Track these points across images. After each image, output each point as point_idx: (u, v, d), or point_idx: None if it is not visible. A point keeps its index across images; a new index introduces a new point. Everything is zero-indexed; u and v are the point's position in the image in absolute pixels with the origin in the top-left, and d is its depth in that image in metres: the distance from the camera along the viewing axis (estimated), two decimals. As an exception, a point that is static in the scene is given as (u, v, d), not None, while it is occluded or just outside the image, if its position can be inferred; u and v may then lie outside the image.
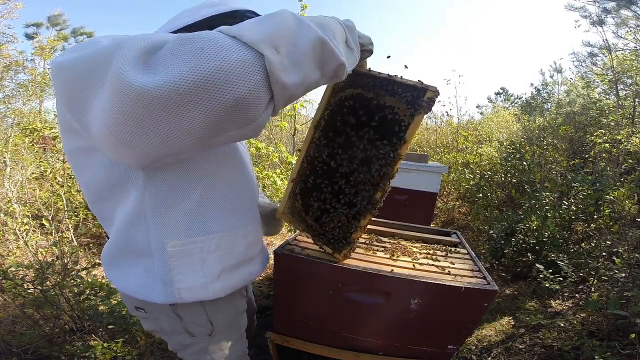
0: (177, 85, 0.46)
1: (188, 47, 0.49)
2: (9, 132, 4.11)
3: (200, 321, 0.91)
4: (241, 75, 0.50)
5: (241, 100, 0.51)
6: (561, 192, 3.24)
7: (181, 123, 0.50)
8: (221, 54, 0.49)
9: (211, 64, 0.48)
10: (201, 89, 0.48)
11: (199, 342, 0.94)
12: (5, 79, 5.61)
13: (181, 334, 0.92)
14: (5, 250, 2.74)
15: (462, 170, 4.76)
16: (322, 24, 0.66)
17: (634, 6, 5.29)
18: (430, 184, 2.71)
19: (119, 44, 0.53)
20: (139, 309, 0.92)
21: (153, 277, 0.82)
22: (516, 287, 2.75)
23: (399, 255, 1.33)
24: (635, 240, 2.56)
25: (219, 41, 0.50)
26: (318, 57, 0.62)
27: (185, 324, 0.90)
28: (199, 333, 0.92)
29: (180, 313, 0.89)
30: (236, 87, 0.50)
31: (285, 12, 0.61)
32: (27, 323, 1.96)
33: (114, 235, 0.85)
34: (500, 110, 8.82)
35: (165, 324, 0.92)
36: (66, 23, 11.33)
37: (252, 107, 0.54)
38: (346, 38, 0.74)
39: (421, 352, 1.20)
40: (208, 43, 0.49)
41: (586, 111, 5.45)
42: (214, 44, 0.49)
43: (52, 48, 8.25)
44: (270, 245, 3.74)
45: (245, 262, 0.95)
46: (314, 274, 1.18)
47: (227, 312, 0.96)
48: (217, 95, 0.49)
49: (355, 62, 0.79)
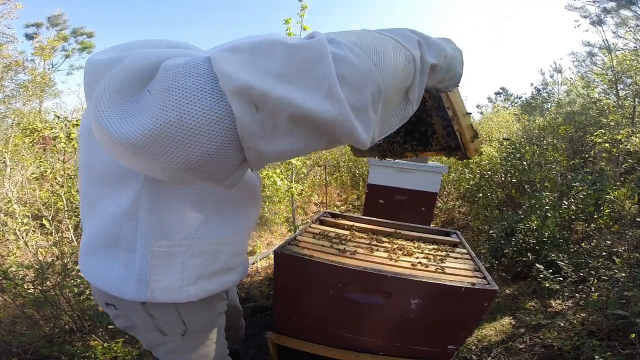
0: (136, 139, 0.39)
1: (159, 86, 0.39)
2: (9, 132, 4.11)
3: (173, 321, 0.89)
4: (199, 135, 0.38)
5: (198, 163, 0.40)
6: (561, 192, 3.24)
7: (148, 169, 0.44)
8: (181, 103, 0.37)
9: (167, 115, 0.37)
10: (157, 144, 0.38)
11: (171, 341, 0.92)
12: (5, 79, 5.61)
13: (153, 332, 0.90)
14: (5, 250, 2.73)
15: (462, 170, 4.76)
16: (383, 64, 0.47)
17: (633, 6, 5.29)
18: (430, 184, 2.71)
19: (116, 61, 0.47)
20: (110, 305, 0.90)
21: (130, 274, 0.80)
22: (516, 287, 2.75)
23: (399, 255, 1.33)
24: (635, 240, 2.56)
25: (188, 80, 0.38)
26: (329, 132, 0.45)
27: (157, 323, 0.88)
28: (171, 332, 0.90)
29: (152, 312, 0.86)
30: (192, 148, 0.38)
31: (315, 45, 0.41)
32: (27, 323, 1.96)
33: (100, 224, 0.82)
34: (500, 110, 8.81)
35: (138, 322, 0.90)
36: (66, 23, 11.32)
37: (214, 172, 0.43)
38: (410, 84, 0.54)
39: (421, 352, 1.20)
40: (175, 81, 0.38)
41: (586, 111, 5.46)
42: (180, 85, 0.38)
43: (52, 48, 8.25)
44: (270, 245, 3.74)
45: (225, 271, 0.93)
46: (314, 274, 1.18)
47: (202, 314, 0.94)
48: (173, 153, 0.39)
49: (405, 116, 0.60)
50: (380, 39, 0.49)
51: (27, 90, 5.70)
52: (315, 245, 1.30)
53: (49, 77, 7.54)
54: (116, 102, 0.39)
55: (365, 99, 0.44)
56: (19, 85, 5.97)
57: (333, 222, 1.72)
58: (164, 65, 0.39)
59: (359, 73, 0.43)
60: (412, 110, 0.59)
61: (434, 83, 0.64)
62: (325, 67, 0.40)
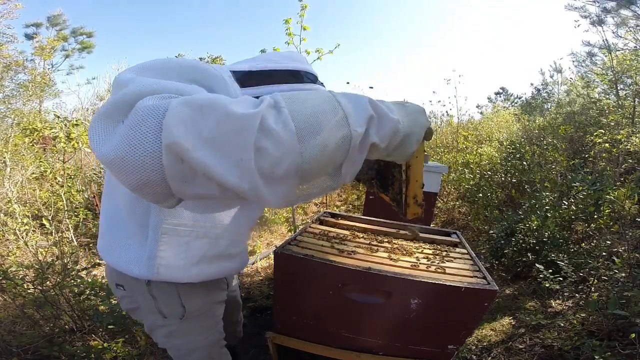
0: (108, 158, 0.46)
1: (128, 121, 0.46)
2: (9, 132, 4.11)
3: (173, 303, 0.96)
4: (139, 168, 0.45)
5: (140, 187, 0.47)
6: (561, 192, 3.24)
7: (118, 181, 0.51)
8: (134, 141, 0.44)
9: (124, 146, 0.45)
10: (117, 165, 0.46)
11: (170, 324, 0.98)
12: (5, 79, 5.61)
13: (154, 314, 0.97)
14: (5, 250, 2.74)
15: (462, 170, 4.76)
16: (312, 143, 0.50)
17: (633, 6, 5.29)
18: (430, 184, 2.71)
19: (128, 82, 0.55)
20: (119, 285, 0.97)
21: (142, 253, 0.87)
22: (516, 287, 2.75)
23: (399, 255, 1.33)
24: (635, 240, 2.56)
25: (145, 124, 0.44)
26: (238, 194, 0.50)
27: (158, 304, 0.95)
28: (170, 315, 0.97)
29: (155, 294, 0.94)
30: (134, 176, 0.46)
31: (248, 118, 0.45)
32: (27, 323, 1.96)
33: (116, 207, 0.91)
34: (500, 110, 8.82)
35: (141, 303, 0.97)
36: (66, 23, 11.31)
37: (152, 197, 0.49)
38: (344, 160, 0.55)
39: (421, 352, 1.20)
40: (137, 122, 0.45)
41: (586, 111, 5.46)
42: (139, 127, 0.45)
43: (52, 48, 8.26)
44: (270, 245, 3.74)
45: (225, 257, 0.99)
46: (314, 274, 1.18)
47: (201, 299, 1.01)
48: (125, 176, 0.46)
49: (331, 188, 0.62)
50: (326, 112, 0.52)
51: (27, 90, 5.70)
52: (315, 245, 1.30)
53: (49, 77, 7.55)
54: (104, 126, 0.48)
55: (281, 172, 0.48)
56: (19, 85, 5.97)
57: (333, 222, 1.72)
58: (137, 105, 0.47)
59: (281, 149, 0.47)
60: (340, 183, 0.61)
61: (380, 157, 0.65)
62: (248, 139, 0.45)
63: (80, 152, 3.75)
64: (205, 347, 1.06)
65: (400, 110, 0.61)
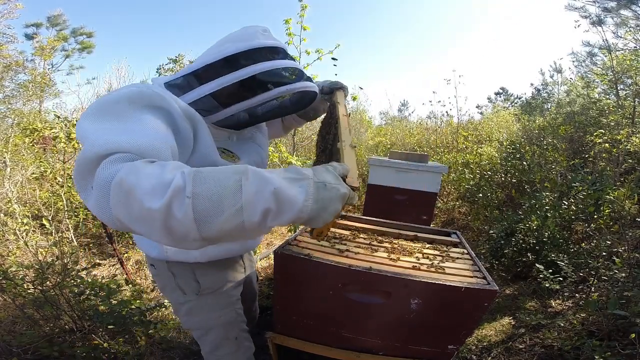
0: (92, 210, 0.63)
1: (96, 188, 0.60)
2: (9, 132, 4.11)
3: (189, 279, 1.10)
4: (106, 221, 0.63)
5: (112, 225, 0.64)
6: (561, 192, 3.24)
7: None
8: (101, 203, 0.60)
9: (99, 206, 0.60)
10: (97, 216, 0.64)
11: (189, 301, 1.12)
12: (5, 79, 5.61)
13: (176, 290, 1.11)
14: (5, 250, 2.74)
15: (462, 170, 4.76)
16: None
17: (634, 6, 5.29)
18: (430, 184, 2.71)
19: (82, 136, 0.68)
20: (152, 265, 1.15)
21: None
22: (516, 287, 2.75)
23: (399, 255, 1.33)
24: (635, 240, 2.56)
25: (102, 197, 0.59)
26: None
27: (177, 281, 1.10)
28: (189, 291, 1.11)
29: (174, 270, 1.09)
30: (103, 218, 0.63)
31: (152, 213, 0.56)
32: (27, 323, 1.96)
33: None
34: (500, 110, 8.81)
35: (166, 280, 1.12)
36: (66, 23, 11.30)
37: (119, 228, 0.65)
38: (244, 234, 0.62)
39: (421, 352, 1.20)
40: (100, 192, 0.59)
41: (586, 111, 5.45)
42: (101, 196, 0.59)
43: (52, 48, 8.25)
44: (270, 245, 3.74)
45: None
46: (314, 274, 1.18)
47: (214, 277, 1.13)
48: (102, 217, 0.63)
49: None
50: (227, 200, 0.58)
51: (27, 90, 5.70)
52: (315, 245, 1.30)
53: (49, 77, 7.55)
54: (81, 186, 0.63)
55: (188, 242, 0.60)
56: (19, 85, 5.97)
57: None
58: (97, 178, 0.60)
59: (183, 229, 0.58)
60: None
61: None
62: (159, 224, 0.57)
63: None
64: (220, 326, 1.16)
65: (314, 194, 0.63)
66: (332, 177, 0.67)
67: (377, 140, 7.10)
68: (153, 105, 0.77)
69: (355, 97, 3.90)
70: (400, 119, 10.06)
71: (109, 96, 0.75)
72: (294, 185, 0.62)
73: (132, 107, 0.73)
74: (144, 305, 1.86)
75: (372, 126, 9.15)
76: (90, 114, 0.71)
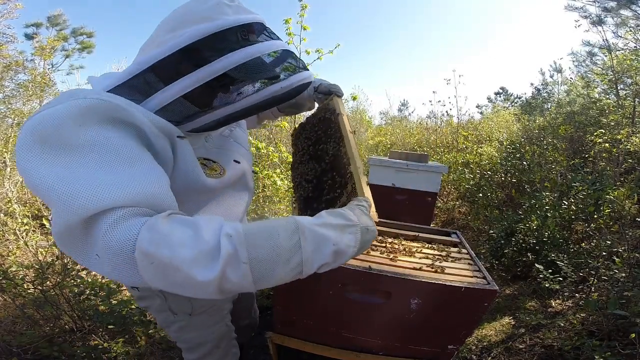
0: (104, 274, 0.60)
1: (105, 257, 0.53)
2: (9, 132, 4.11)
3: (181, 301, 1.01)
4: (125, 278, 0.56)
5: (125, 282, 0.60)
6: (561, 192, 3.24)
7: None
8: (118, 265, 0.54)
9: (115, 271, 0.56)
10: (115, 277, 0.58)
11: (180, 320, 1.05)
12: (5, 79, 5.61)
13: (165, 312, 1.03)
14: (5, 250, 2.73)
15: (462, 170, 4.75)
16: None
17: (634, 6, 5.29)
18: (430, 184, 2.70)
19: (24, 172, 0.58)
20: (134, 287, 1.02)
21: None
22: (516, 287, 2.75)
23: (399, 255, 1.33)
24: (635, 240, 2.56)
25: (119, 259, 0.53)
26: None
27: (169, 304, 1.01)
28: (180, 312, 1.03)
29: (165, 293, 0.99)
30: (122, 279, 0.57)
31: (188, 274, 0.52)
32: (27, 323, 1.96)
33: None
34: (500, 110, 8.81)
35: (154, 302, 1.02)
36: (66, 23, 11.30)
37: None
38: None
39: (421, 352, 1.20)
40: (113, 259, 0.52)
41: (586, 111, 5.45)
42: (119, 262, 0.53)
43: (52, 48, 8.25)
44: (270, 245, 3.73)
45: None
46: (314, 274, 1.18)
47: None
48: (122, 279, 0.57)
49: None
50: (283, 260, 0.57)
51: (27, 90, 5.69)
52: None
53: (49, 77, 7.54)
54: (73, 249, 0.55)
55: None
56: (19, 85, 5.96)
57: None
58: (107, 247, 0.51)
59: (239, 289, 0.56)
60: None
61: None
62: (210, 294, 0.54)
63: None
64: (213, 340, 1.12)
65: (360, 241, 0.66)
66: (369, 219, 0.71)
67: (377, 140, 7.10)
68: (115, 120, 0.59)
69: (355, 96, 3.90)
70: (400, 119, 10.06)
71: (48, 116, 0.55)
72: (345, 234, 0.64)
73: (85, 131, 0.56)
74: (144, 305, 1.86)
75: (372, 126, 9.15)
76: (33, 149, 0.54)
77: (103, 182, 0.52)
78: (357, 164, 0.97)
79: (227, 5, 0.72)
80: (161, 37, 0.71)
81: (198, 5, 0.71)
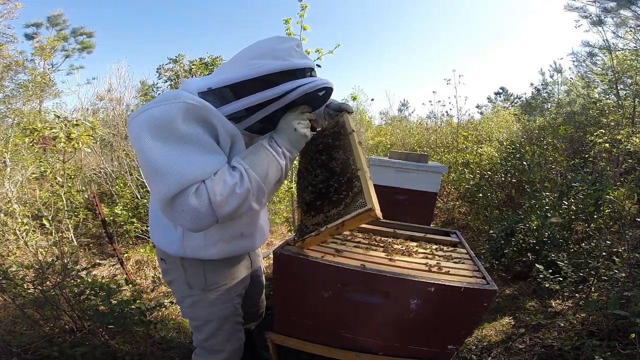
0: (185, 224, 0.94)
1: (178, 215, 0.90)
2: (9, 132, 4.11)
3: (198, 275, 1.17)
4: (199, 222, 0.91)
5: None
6: (561, 192, 3.24)
7: None
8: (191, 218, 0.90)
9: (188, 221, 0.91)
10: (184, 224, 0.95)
11: (194, 295, 1.20)
12: (5, 79, 5.61)
13: (184, 285, 1.20)
14: (5, 250, 2.74)
15: (462, 170, 4.76)
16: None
17: (633, 6, 5.29)
18: (430, 184, 2.70)
19: (144, 150, 0.90)
20: (162, 259, 1.23)
21: (178, 236, 1.13)
22: (516, 287, 2.75)
23: (399, 255, 1.33)
24: (635, 240, 2.56)
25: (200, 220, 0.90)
26: None
27: (187, 277, 1.18)
28: (195, 286, 1.19)
29: (186, 266, 1.17)
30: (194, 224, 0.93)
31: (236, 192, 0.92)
32: (27, 323, 1.96)
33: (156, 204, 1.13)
34: (500, 110, 8.81)
35: (175, 275, 1.20)
36: (66, 23, 11.34)
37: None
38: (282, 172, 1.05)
39: (421, 352, 1.20)
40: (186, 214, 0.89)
41: (586, 111, 5.44)
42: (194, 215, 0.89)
43: (52, 48, 8.25)
44: (270, 245, 3.74)
45: (241, 237, 1.20)
46: (314, 274, 1.18)
47: (221, 274, 1.21)
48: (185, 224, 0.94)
49: None
50: (272, 169, 1.02)
51: (27, 90, 5.70)
52: (315, 246, 1.30)
53: (49, 77, 7.54)
54: (169, 206, 0.89)
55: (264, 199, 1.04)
56: (19, 85, 5.97)
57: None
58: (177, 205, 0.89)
59: (261, 196, 1.01)
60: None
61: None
62: (249, 202, 0.98)
63: (80, 152, 3.75)
64: (219, 319, 1.23)
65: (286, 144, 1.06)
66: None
67: (377, 140, 7.11)
68: (204, 120, 0.93)
69: (355, 97, 3.91)
70: (400, 119, 10.07)
71: (162, 112, 0.88)
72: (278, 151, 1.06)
73: (186, 126, 0.89)
74: (144, 305, 1.86)
75: (372, 126, 9.15)
76: (152, 132, 0.86)
77: (194, 163, 0.87)
78: (366, 168, 1.16)
79: (296, 51, 1.02)
80: (245, 61, 1.00)
81: (277, 44, 1.01)
